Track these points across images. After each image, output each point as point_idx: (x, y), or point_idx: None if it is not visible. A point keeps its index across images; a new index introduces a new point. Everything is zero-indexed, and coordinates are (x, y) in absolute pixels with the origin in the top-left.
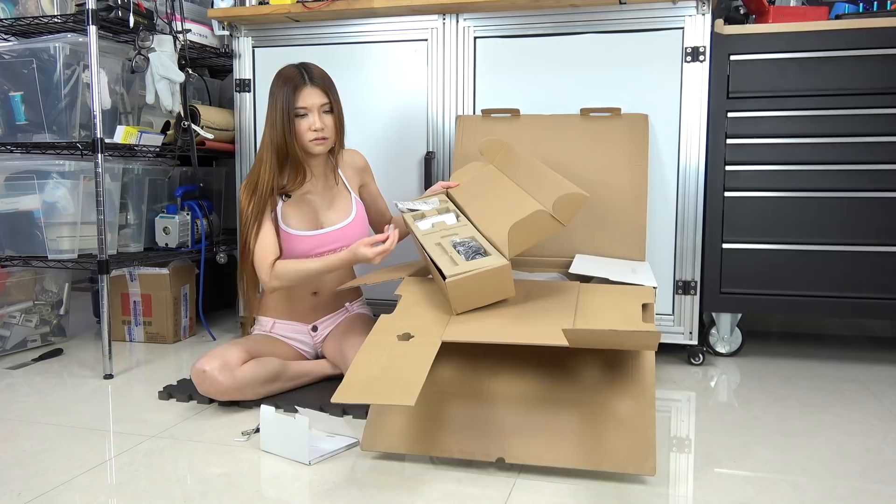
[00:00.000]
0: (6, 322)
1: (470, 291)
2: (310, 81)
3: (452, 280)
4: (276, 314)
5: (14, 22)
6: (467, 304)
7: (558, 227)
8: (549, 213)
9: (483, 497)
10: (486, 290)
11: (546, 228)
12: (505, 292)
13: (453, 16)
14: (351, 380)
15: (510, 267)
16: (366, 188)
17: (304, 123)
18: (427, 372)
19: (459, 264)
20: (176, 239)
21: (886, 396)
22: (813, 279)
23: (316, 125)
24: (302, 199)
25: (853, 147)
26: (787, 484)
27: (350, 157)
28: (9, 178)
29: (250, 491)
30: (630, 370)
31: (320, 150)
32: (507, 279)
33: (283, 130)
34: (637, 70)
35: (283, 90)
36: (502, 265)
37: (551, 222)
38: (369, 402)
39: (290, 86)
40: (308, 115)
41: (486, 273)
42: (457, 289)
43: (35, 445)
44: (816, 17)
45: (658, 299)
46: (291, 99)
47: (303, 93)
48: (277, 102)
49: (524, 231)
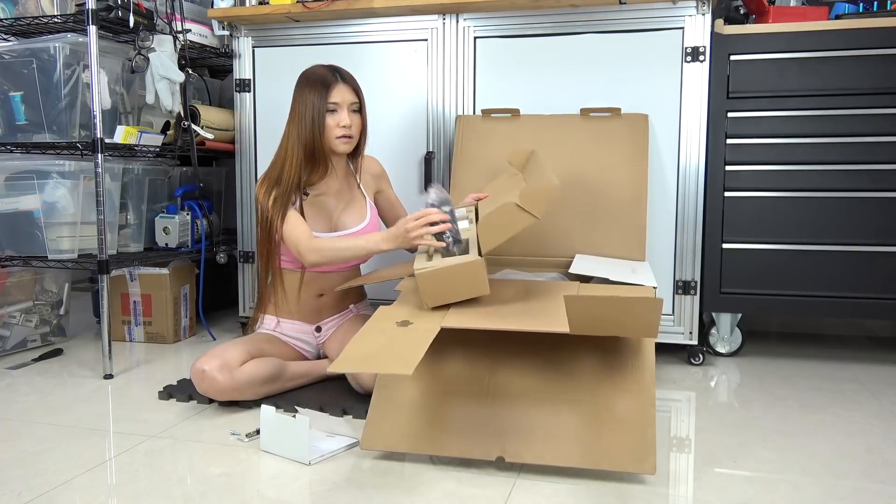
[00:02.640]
0: (6, 322)
1: (441, 286)
2: (342, 80)
3: (421, 272)
4: (281, 314)
5: (14, 22)
6: (439, 298)
7: (530, 219)
8: (516, 205)
9: (483, 497)
10: (458, 286)
11: (517, 221)
12: (478, 289)
13: (453, 16)
14: (349, 353)
15: (482, 263)
16: (382, 194)
17: (333, 119)
18: (426, 349)
19: (433, 261)
20: (176, 239)
21: (886, 396)
22: (813, 279)
23: (345, 122)
24: (318, 201)
25: (853, 147)
26: (787, 484)
27: (368, 163)
28: (9, 178)
29: (250, 491)
30: (630, 369)
31: (344, 150)
32: (480, 275)
33: (313, 125)
34: (637, 70)
35: (316, 86)
36: (473, 260)
37: (522, 214)
38: (367, 370)
39: (322, 82)
40: (337, 112)
41: (456, 268)
42: (426, 282)
43: (35, 445)
44: (816, 17)
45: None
46: (324, 94)
47: (335, 89)
48: (307, 98)
49: (495, 225)
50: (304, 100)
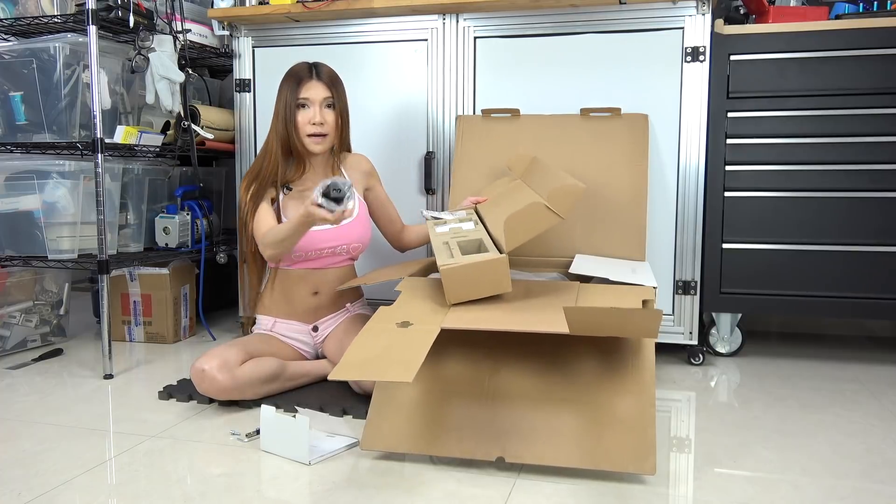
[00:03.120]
0: (6, 322)
1: (464, 282)
2: (316, 76)
3: (446, 268)
4: (277, 314)
5: (14, 22)
6: (462, 294)
7: (556, 219)
8: (544, 205)
9: (483, 497)
10: (482, 283)
11: (543, 221)
12: (501, 286)
13: (453, 16)
14: (349, 359)
15: (506, 260)
16: (372, 192)
17: (304, 116)
18: (426, 353)
19: (456, 257)
20: (176, 239)
21: (886, 396)
22: (813, 279)
23: (316, 118)
24: (302, 195)
25: (853, 147)
26: (787, 484)
27: (356, 161)
28: (9, 178)
29: (250, 491)
30: (630, 369)
31: (317, 150)
32: (503, 272)
33: (286, 120)
34: (637, 70)
35: (290, 81)
36: (498, 257)
37: (548, 214)
38: (367, 378)
39: (296, 77)
40: (308, 108)
41: (481, 264)
42: (451, 278)
43: (35, 445)
44: (816, 17)
45: (658, 299)
46: (295, 89)
47: (307, 85)
48: (282, 93)
49: (521, 224)
50: (280, 95)
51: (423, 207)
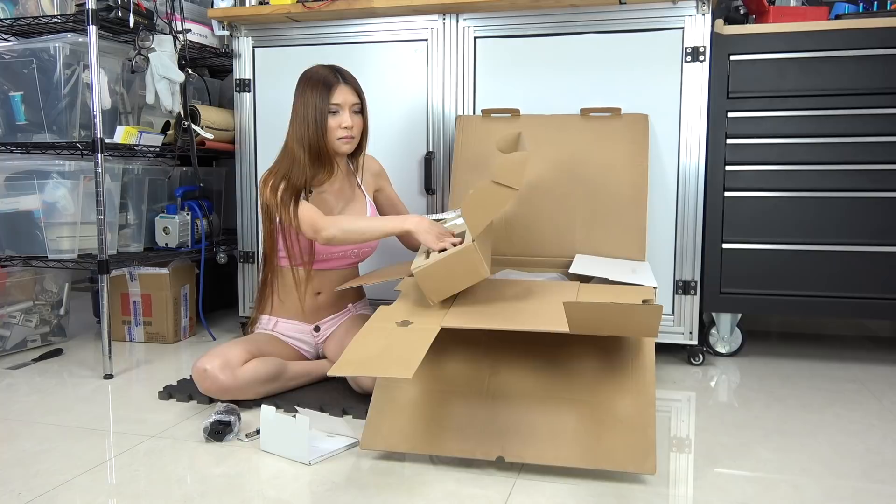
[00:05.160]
0: (6, 322)
1: (440, 279)
2: (343, 80)
3: (419, 271)
4: (278, 313)
5: (14, 22)
6: (442, 291)
7: (511, 193)
8: (493, 182)
9: (483, 497)
10: (457, 276)
11: (499, 198)
12: (477, 274)
13: (453, 16)
14: (349, 356)
15: (474, 248)
16: (382, 192)
17: (334, 120)
18: (426, 351)
19: (431, 257)
20: (176, 239)
21: (886, 396)
22: (813, 279)
23: (346, 123)
24: (319, 198)
25: (853, 147)
26: (787, 484)
27: (367, 162)
28: (9, 178)
29: (250, 491)
30: (630, 369)
31: (346, 150)
32: (476, 260)
33: (316, 126)
34: (637, 70)
35: (318, 87)
36: (465, 248)
37: (500, 190)
38: (367, 374)
39: (324, 83)
40: (339, 113)
41: (450, 258)
42: (425, 279)
43: (35, 445)
44: (816, 17)
45: (658, 299)
46: (326, 95)
47: (337, 90)
48: (309, 99)
49: (478, 207)
50: (305, 101)
51: (423, 207)
